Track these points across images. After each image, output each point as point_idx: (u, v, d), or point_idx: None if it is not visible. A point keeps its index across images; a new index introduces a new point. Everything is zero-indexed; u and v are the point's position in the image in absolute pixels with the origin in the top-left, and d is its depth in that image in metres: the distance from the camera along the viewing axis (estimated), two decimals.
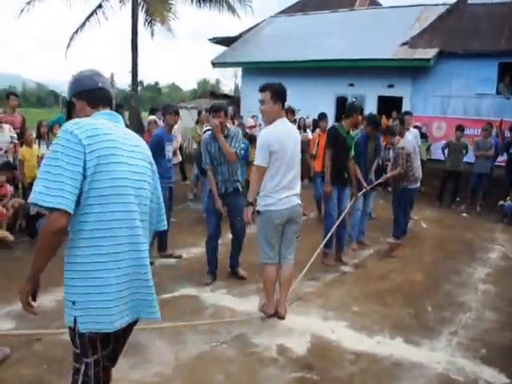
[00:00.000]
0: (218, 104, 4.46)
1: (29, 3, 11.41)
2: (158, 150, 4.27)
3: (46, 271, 1.56)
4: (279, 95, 3.13)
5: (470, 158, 8.21)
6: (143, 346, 2.90)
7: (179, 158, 7.70)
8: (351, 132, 4.91)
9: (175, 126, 7.27)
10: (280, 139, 3.09)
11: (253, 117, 9.75)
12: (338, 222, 4.66)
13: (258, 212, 3.16)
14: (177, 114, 4.77)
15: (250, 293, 3.84)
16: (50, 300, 3.42)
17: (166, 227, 1.88)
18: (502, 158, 8.74)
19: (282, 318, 3.21)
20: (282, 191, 3.11)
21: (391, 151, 6.17)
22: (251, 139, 6.53)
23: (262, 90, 3.13)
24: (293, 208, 3.16)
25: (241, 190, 4.20)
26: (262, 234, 3.19)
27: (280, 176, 3.11)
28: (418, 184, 5.82)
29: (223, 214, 4.12)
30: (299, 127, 9.15)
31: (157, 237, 4.60)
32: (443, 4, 12.64)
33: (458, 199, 8.19)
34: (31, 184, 4.80)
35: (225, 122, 4.08)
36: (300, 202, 3.25)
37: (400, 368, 2.80)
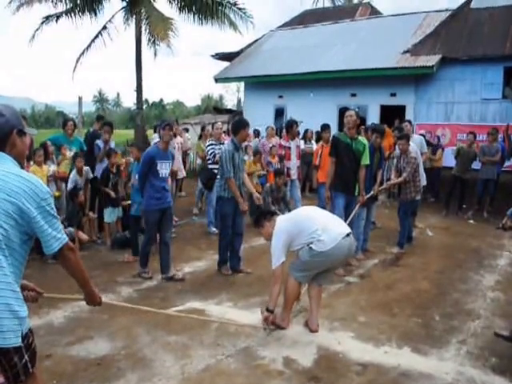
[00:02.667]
0: (245, 119, 5.04)
1: (37, 29, 11.84)
2: (148, 168, 4.32)
3: (54, 287, 1.58)
4: (260, 219, 3.44)
5: (476, 164, 8.15)
6: (150, 359, 2.92)
7: (183, 173, 7.81)
8: (359, 137, 4.89)
9: (176, 140, 7.39)
10: (286, 221, 3.32)
11: (254, 131, 9.85)
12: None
13: (311, 248, 3.18)
14: (171, 128, 4.49)
15: (255, 305, 3.83)
16: (59, 316, 3.46)
17: (52, 251, 1.73)
18: (509, 164, 8.68)
19: (315, 331, 3.33)
20: (326, 232, 3.14)
21: (395, 160, 6.20)
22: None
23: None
24: (346, 252, 3.24)
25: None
26: (307, 264, 3.24)
27: (310, 227, 3.16)
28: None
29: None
30: (305, 138, 9.22)
31: (159, 258, 4.57)
32: (446, 10, 12.67)
33: (464, 206, 8.12)
34: None
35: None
36: (353, 241, 3.33)
37: (408, 379, 2.77)
